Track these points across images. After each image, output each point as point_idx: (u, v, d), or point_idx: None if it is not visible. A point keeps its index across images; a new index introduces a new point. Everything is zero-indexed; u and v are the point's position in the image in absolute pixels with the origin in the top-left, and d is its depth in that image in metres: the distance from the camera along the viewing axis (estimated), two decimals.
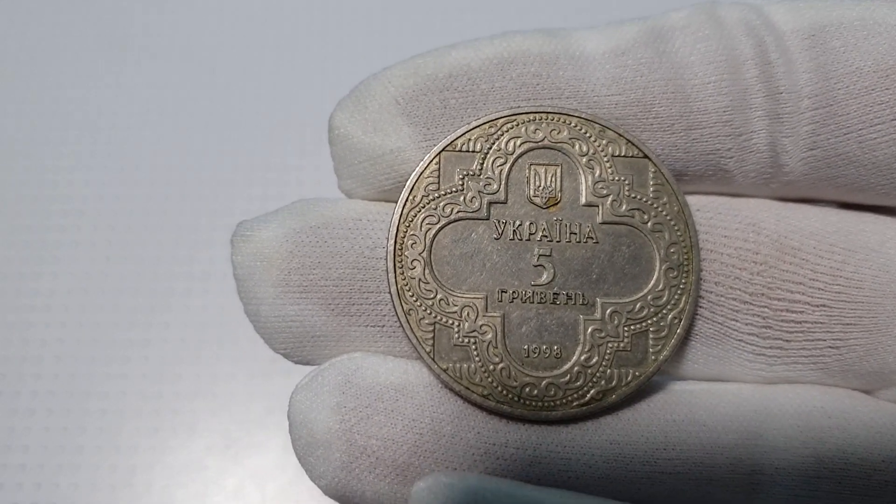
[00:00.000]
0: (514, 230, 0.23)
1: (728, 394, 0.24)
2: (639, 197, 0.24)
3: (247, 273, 0.23)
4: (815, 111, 0.23)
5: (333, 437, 0.22)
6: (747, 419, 0.23)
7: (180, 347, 0.41)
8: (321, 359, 0.24)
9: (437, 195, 0.23)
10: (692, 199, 0.24)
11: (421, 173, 0.23)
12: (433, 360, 0.23)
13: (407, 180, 0.23)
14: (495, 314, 0.23)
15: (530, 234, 0.23)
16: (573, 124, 0.24)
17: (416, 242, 0.23)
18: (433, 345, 0.23)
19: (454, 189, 0.23)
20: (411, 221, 0.23)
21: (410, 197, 0.23)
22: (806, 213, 0.25)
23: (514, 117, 0.24)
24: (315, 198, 0.25)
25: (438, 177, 0.23)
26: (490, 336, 0.23)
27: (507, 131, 0.23)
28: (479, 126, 0.23)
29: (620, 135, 0.24)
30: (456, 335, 0.23)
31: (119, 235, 0.42)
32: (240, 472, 0.37)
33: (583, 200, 0.23)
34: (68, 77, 0.44)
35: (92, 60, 0.44)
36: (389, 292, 0.23)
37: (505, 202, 0.23)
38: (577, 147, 0.24)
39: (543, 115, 0.24)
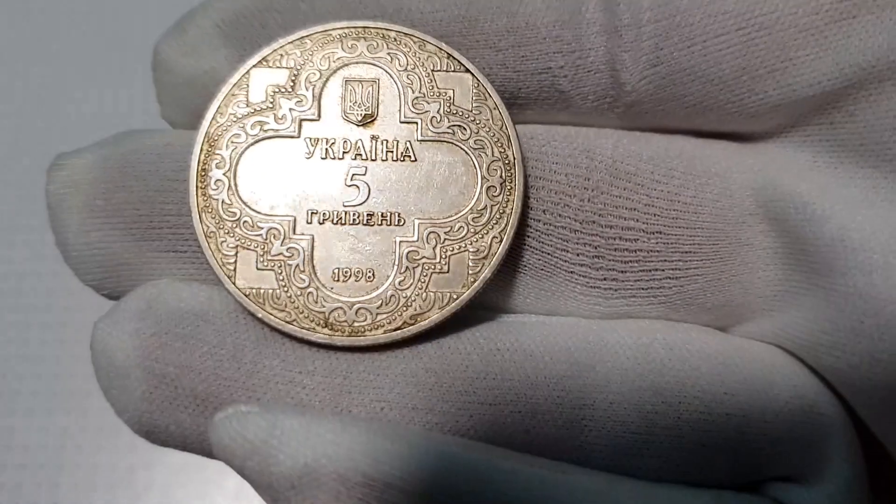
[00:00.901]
0: (326, 149, 0.22)
1: (562, 326, 0.22)
2: (459, 113, 0.22)
3: (56, 201, 0.22)
4: (657, 23, 0.22)
5: (132, 364, 0.21)
6: (579, 350, 0.21)
7: None
8: (128, 291, 0.22)
9: (244, 113, 0.22)
10: (526, 129, 0.23)
11: (229, 91, 0.22)
12: (234, 283, 0.21)
13: None
14: (304, 236, 0.21)
15: (343, 152, 0.22)
16: (392, 37, 0.22)
17: (220, 162, 0.22)
18: (234, 269, 0.21)
19: (263, 107, 0.22)
20: (216, 140, 0.22)
21: (217, 115, 0.22)
22: (648, 140, 0.23)
23: (328, 32, 0.22)
24: (134, 129, 0.24)
25: (247, 94, 0.22)
26: (297, 259, 0.21)
27: (321, 46, 0.22)
28: (292, 42, 0.22)
29: (441, 49, 0.22)
30: (261, 259, 0.21)
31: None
32: None
33: (400, 117, 0.22)
34: None
35: None
36: (190, 215, 0.21)
37: (317, 119, 0.22)
38: (395, 62, 0.22)
39: (361, 31, 0.22)
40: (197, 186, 0.21)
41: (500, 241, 0.22)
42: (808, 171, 0.22)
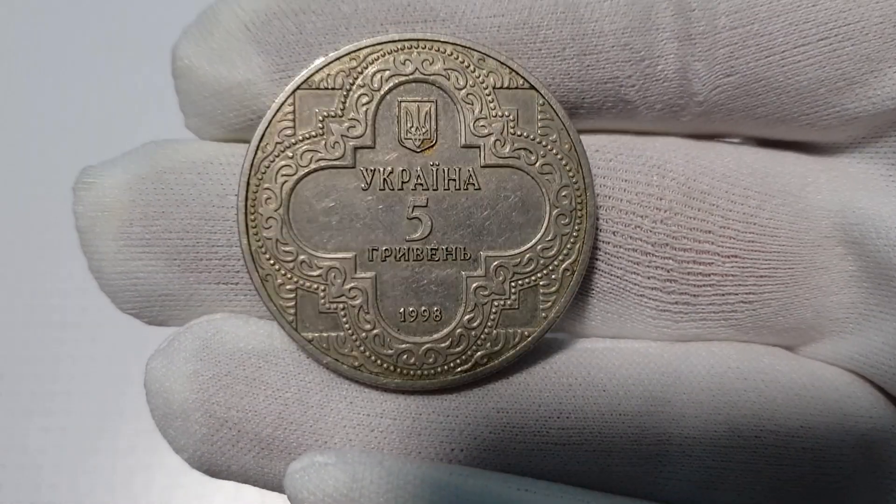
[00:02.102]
0: (383, 179, 0.20)
1: (633, 353, 0.22)
2: (525, 135, 0.21)
3: (88, 225, 0.21)
4: (734, 31, 0.21)
5: (191, 407, 0.20)
6: (653, 383, 0.21)
7: None
8: (177, 320, 0.21)
9: (293, 141, 0.20)
10: (590, 139, 0.22)
11: (273, 116, 0.20)
12: (296, 330, 0.20)
13: (260, 117, 0.20)
14: (366, 275, 0.20)
15: (403, 182, 0.20)
16: (448, 53, 0.20)
17: (270, 198, 0.20)
18: (296, 313, 0.20)
19: (313, 133, 0.20)
20: (264, 173, 0.20)
21: (262, 145, 0.20)
22: (719, 153, 0.22)
23: (379, 46, 0.20)
24: (164, 140, 0.22)
25: (294, 119, 0.20)
26: (360, 300, 0.20)
27: (372, 63, 0.20)
28: (339, 58, 0.20)
29: (503, 63, 0.21)
30: (322, 301, 0.20)
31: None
32: None
33: (462, 141, 0.21)
34: None
35: None
36: (242, 256, 0.20)
37: (373, 147, 0.20)
38: (453, 79, 0.21)
39: (414, 44, 0.20)
40: (248, 226, 0.20)
41: (573, 273, 0.21)
42: (885, 188, 0.21)
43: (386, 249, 0.20)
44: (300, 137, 0.20)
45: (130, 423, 0.37)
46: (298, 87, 0.20)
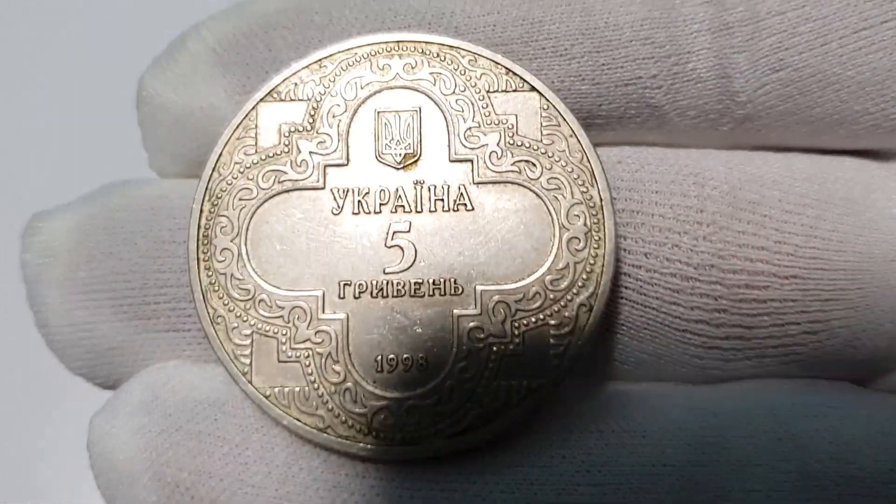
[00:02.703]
0: (358, 201, 0.17)
1: (676, 395, 0.17)
2: (526, 144, 0.17)
3: (34, 273, 0.18)
4: (781, 16, 0.18)
5: (138, 469, 0.17)
6: (704, 427, 0.17)
7: None
8: (128, 380, 0.18)
9: (254, 161, 0.17)
10: (609, 151, 0.18)
11: (232, 134, 0.17)
12: (250, 382, 0.16)
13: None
14: (335, 316, 0.17)
15: (381, 204, 0.17)
16: (434, 54, 0.18)
17: (226, 226, 0.17)
18: (251, 362, 0.17)
19: (277, 151, 0.17)
20: (220, 198, 0.17)
21: (219, 166, 0.17)
22: (766, 160, 0.18)
23: (353, 51, 0.18)
24: (123, 180, 0.19)
25: (256, 136, 0.17)
26: (329, 346, 0.17)
27: (346, 70, 0.18)
28: (308, 66, 0.18)
29: (497, 63, 0.17)
30: (282, 348, 0.17)
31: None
32: None
33: (450, 154, 0.17)
34: None
35: None
36: (192, 295, 0.17)
37: (346, 164, 0.17)
38: (439, 84, 0.17)
39: (394, 46, 0.18)
40: (199, 259, 0.17)
41: (590, 309, 0.16)
42: None
43: (360, 284, 0.17)
44: (262, 157, 0.17)
45: None
46: (262, 101, 0.18)
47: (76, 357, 0.18)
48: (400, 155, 0.17)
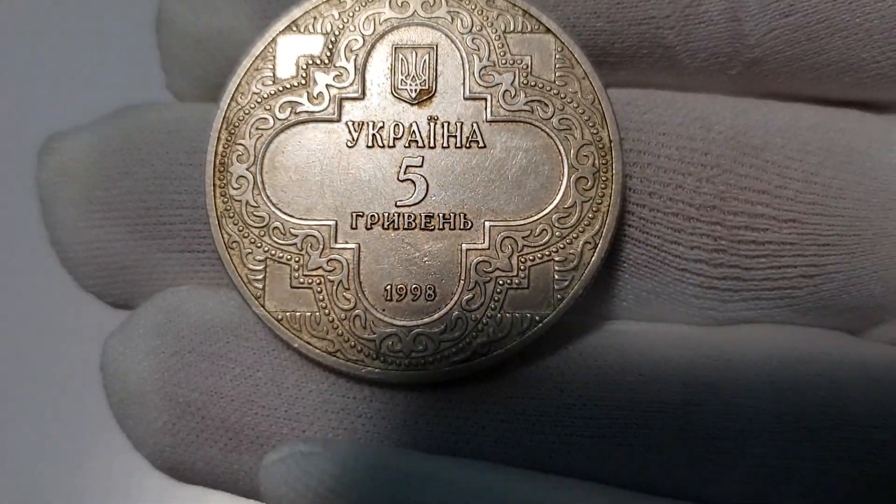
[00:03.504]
0: (372, 134, 0.18)
1: (673, 335, 0.18)
2: (539, 85, 0.17)
3: (49, 192, 0.19)
4: None
5: (149, 389, 0.17)
6: (699, 367, 0.17)
7: None
8: (141, 301, 0.18)
9: (271, 92, 0.18)
10: (619, 93, 0.18)
11: (251, 64, 0.18)
12: (262, 306, 0.17)
13: None
14: (347, 245, 0.17)
15: (394, 138, 0.18)
16: None
17: (243, 154, 0.17)
18: (263, 287, 0.17)
19: (294, 83, 0.18)
20: (237, 127, 0.18)
21: (237, 94, 0.18)
22: (772, 107, 0.19)
23: None
24: (141, 103, 0.20)
25: (274, 67, 0.18)
26: (340, 274, 0.17)
27: (364, 6, 0.18)
28: (327, 1, 0.18)
29: (514, 4, 0.18)
30: (295, 274, 0.17)
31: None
32: None
33: (465, 92, 0.18)
34: None
35: None
36: (207, 219, 0.17)
37: (361, 98, 0.18)
38: (456, 22, 0.18)
39: None
40: (215, 185, 0.17)
41: (594, 247, 0.17)
42: None
43: (372, 216, 0.17)
44: (280, 88, 0.18)
45: None
46: (281, 33, 0.18)
47: (89, 275, 0.19)
48: (415, 90, 0.18)
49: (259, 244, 0.17)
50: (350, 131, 0.18)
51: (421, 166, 0.17)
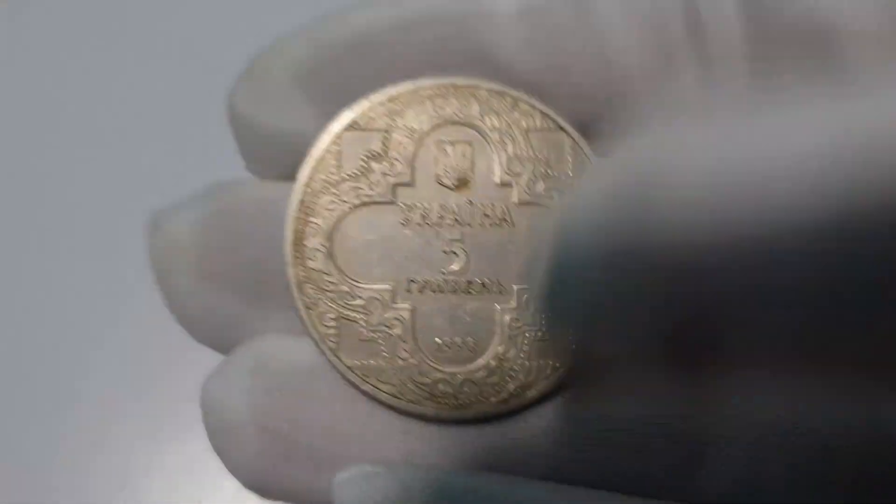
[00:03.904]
0: (421, 214, 0.22)
1: None
2: (556, 174, 0.22)
3: (163, 264, 0.22)
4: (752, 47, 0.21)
5: (245, 422, 0.21)
6: None
7: (180, 347, 0.40)
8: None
9: (337, 179, 0.22)
10: None
11: (321, 157, 0.22)
12: (337, 357, 0.21)
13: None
14: (404, 306, 0.21)
15: (439, 217, 0.22)
16: (482, 97, 0.22)
17: (316, 232, 0.21)
18: (337, 341, 0.21)
19: (356, 172, 0.22)
20: (311, 209, 0.21)
21: (310, 181, 0.22)
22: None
23: (417, 91, 0.22)
24: (226, 181, 0.23)
25: (339, 159, 0.22)
26: (399, 330, 0.21)
27: (411, 106, 0.22)
28: (381, 102, 0.22)
29: (534, 106, 0.22)
30: (363, 330, 0.21)
31: (117, 235, 0.41)
32: None
33: (496, 180, 0.22)
34: None
35: None
36: (288, 287, 0.21)
37: (412, 184, 0.22)
38: (487, 122, 0.22)
39: (450, 88, 0.22)
40: (294, 257, 0.21)
41: None
42: None
43: (424, 282, 0.21)
44: (344, 176, 0.22)
45: (130, 424, 0.37)
46: (344, 130, 0.22)
47: (205, 332, 0.22)
48: (455, 179, 0.22)
49: (332, 305, 0.21)
50: (403, 212, 0.22)
51: (462, 241, 0.21)
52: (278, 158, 0.22)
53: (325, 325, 0.21)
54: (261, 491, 0.21)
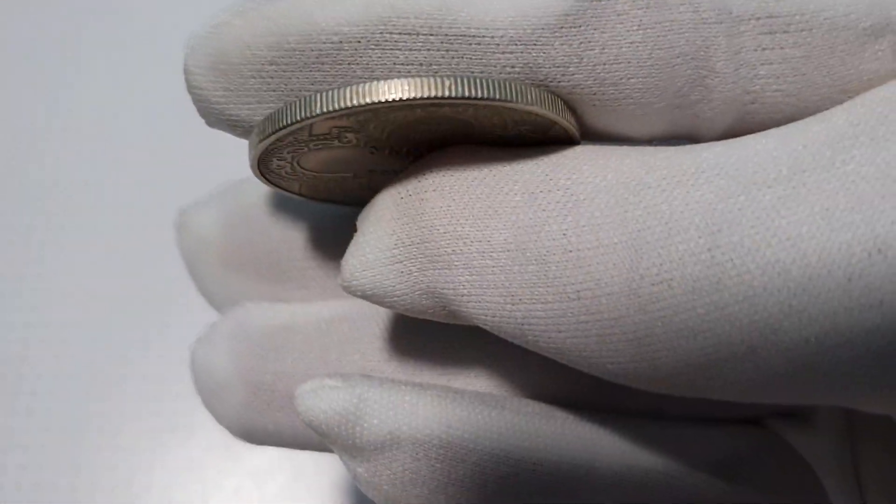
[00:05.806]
0: None
1: None
2: None
3: (192, 256, 0.25)
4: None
5: (231, 378, 0.23)
6: None
7: (180, 347, 0.40)
8: None
9: None
10: None
11: None
12: None
13: None
14: None
15: None
16: None
17: None
18: None
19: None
20: None
21: None
22: None
23: None
24: (243, 180, 0.25)
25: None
26: None
27: None
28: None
29: None
30: None
31: (116, 235, 0.42)
32: (240, 472, 0.36)
33: None
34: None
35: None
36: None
37: None
38: None
39: None
40: None
41: None
42: None
43: None
44: None
45: (130, 424, 0.37)
46: None
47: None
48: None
49: None
50: None
51: None
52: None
53: None
54: (248, 437, 0.23)
